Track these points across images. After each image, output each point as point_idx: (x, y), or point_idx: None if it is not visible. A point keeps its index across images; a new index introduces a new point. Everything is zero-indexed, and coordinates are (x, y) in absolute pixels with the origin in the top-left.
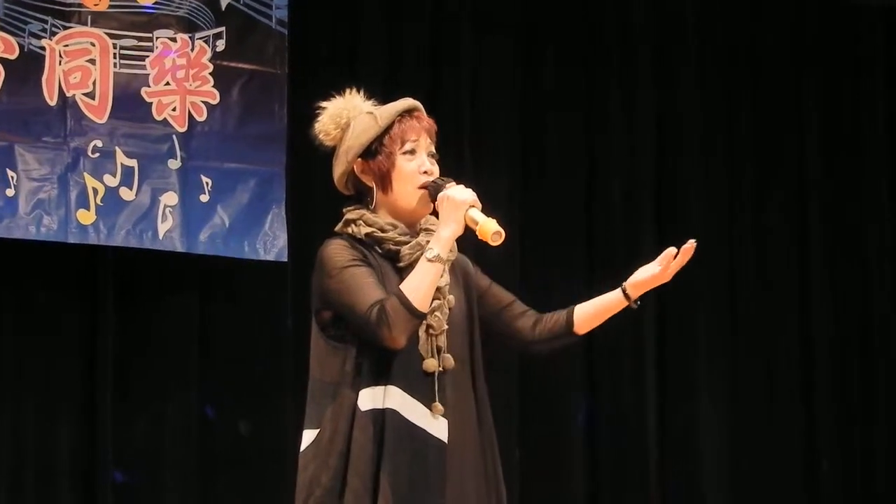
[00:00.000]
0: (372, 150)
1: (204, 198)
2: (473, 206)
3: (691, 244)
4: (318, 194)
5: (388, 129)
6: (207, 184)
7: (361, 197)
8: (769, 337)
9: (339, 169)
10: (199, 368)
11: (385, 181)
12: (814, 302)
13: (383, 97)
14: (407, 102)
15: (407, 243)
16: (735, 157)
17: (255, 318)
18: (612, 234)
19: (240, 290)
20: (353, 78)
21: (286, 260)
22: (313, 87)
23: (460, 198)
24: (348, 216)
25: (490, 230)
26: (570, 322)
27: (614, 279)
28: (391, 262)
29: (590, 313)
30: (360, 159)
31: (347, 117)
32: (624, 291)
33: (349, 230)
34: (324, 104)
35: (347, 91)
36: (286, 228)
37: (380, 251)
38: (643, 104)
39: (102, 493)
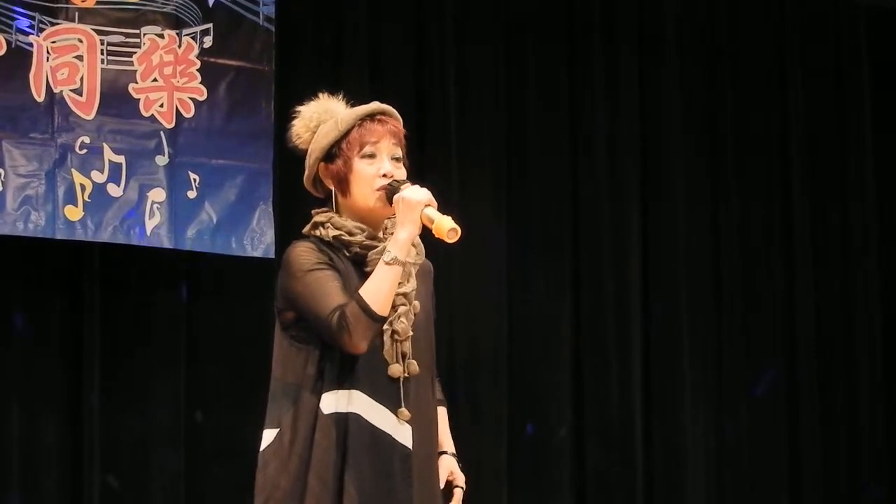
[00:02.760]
0: (331, 154)
1: (191, 194)
2: (429, 206)
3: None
4: (306, 191)
5: (347, 133)
6: (195, 180)
7: (327, 199)
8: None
9: (306, 172)
10: (185, 365)
11: (343, 185)
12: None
13: (369, 95)
14: (371, 106)
15: (374, 248)
16: (717, 156)
17: (243, 314)
18: (597, 233)
19: (227, 286)
20: (339, 75)
21: (273, 256)
22: (300, 84)
23: (415, 198)
24: (316, 218)
25: (445, 227)
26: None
27: (599, 277)
28: (358, 265)
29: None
30: (322, 163)
31: (318, 121)
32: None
33: (317, 232)
34: (300, 108)
35: (322, 94)
36: (273, 225)
37: (347, 254)
38: (626, 103)
39: (88, 492)
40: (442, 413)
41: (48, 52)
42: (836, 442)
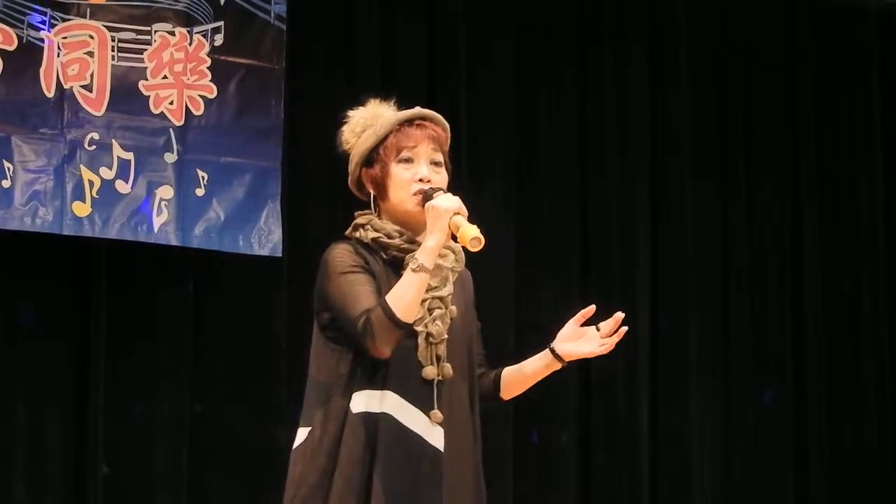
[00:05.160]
0: (370, 159)
1: (199, 192)
2: (458, 214)
3: (619, 317)
4: (314, 190)
5: (386, 138)
6: (203, 178)
7: (371, 203)
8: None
9: (350, 176)
10: (192, 363)
11: (381, 189)
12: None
13: (380, 94)
14: (412, 111)
15: (411, 251)
16: (729, 158)
17: (249, 313)
18: (607, 234)
19: (234, 284)
20: (351, 74)
21: (280, 255)
22: (310, 83)
23: (444, 206)
24: (358, 221)
25: (469, 235)
26: (496, 386)
27: (608, 280)
28: (395, 268)
29: (516, 378)
30: (363, 167)
31: (364, 126)
32: (553, 352)
33: (357, 234)
34: (350, 112)
35: (372, 100)
36: (281, 224)
37: (385, 257)
38: (637, 105)
39: (92, 488)
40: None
41: (59, 47)
42: (843, 443)
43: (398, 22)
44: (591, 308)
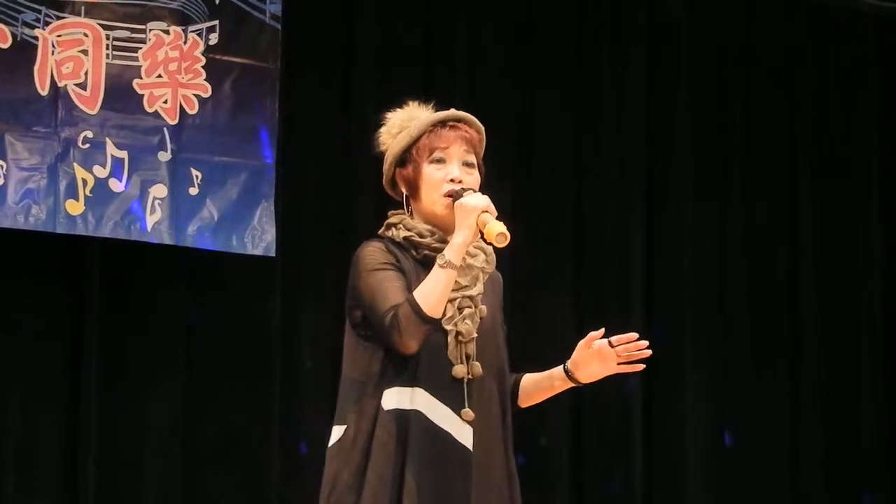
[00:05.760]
0: (404, 160)
1: (193, 191)
2: (486, 212)
3: (633, 336)
4: (308, 190)
5: (419, 139)
6: (197, 177)
7: (404, 203)
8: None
9: (384, 176)
10: (185, 362)
11: (413, 189)
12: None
13: (376, 95)
14: (446, 113)
15: (441, 250)
16: (727, 161)
17: (243, 312)
18: (601, 237)
19: (227, 284)
20: (347, 74)
21: (274, 255)
22: (305, 83)
23: (472, 204)
24: (390, 220)
25: (495, 231)
26: (514, 394)
27: (602, 282)
28: (426, 267)
29: (533, 390)
30: (396, 168)
31: (401, 127)
32: (567, 372)
33: (389, 233)
34: (388, 114)
35: (410, 103)
36: (274, 223)
37: (416, 255)
38: (634, 107)
39: (84, 488)
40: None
41: (53, 45)
42: (838, 445)
43: (394, 21)
44: (601, 332)
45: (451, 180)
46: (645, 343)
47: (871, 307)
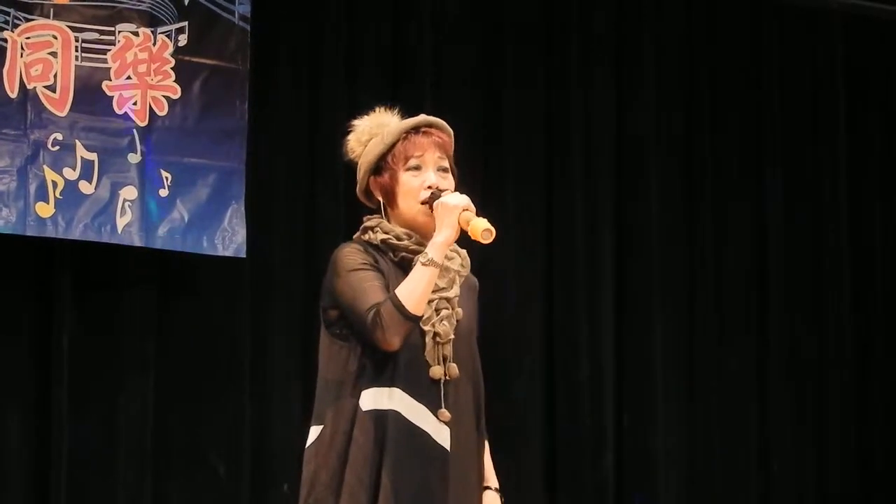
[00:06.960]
0: (378, 168)
1: (163, 192)
2: (467, 210)
3: None
4: (278, 191)
5: (393, 147)
6: (167, 178)
7: (380, 210)
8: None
9: (358, 185)
10: (155, 363)
11: (390, 197)
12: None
13: (345, 96)
14: (417, 119)
15: (419, 253)
16: (694, 168)
17: (213, 313)
18: (570, 234)
19: (198, 285)
20: (315, 75)
21: (244, 256)
22: (275, 84)
23: (452, 203)
24: (366, 224)
25: (480, 228)
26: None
27: (572, 282)
28: (403, 269)
29: None
30: (371, 176)
31: (370, 134)
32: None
33: (366, 237)
34: (355, 122)
35: (378, 109)
36: (245, 224)
37: (393, 258)
38: (602, 116)
39: (56, 490)
40: (485, 446)
41: (22, 48)
42: (806, 444)
43: (363, 22)
44: None
45: (429, 187)
46: None
47: (838, 307)
